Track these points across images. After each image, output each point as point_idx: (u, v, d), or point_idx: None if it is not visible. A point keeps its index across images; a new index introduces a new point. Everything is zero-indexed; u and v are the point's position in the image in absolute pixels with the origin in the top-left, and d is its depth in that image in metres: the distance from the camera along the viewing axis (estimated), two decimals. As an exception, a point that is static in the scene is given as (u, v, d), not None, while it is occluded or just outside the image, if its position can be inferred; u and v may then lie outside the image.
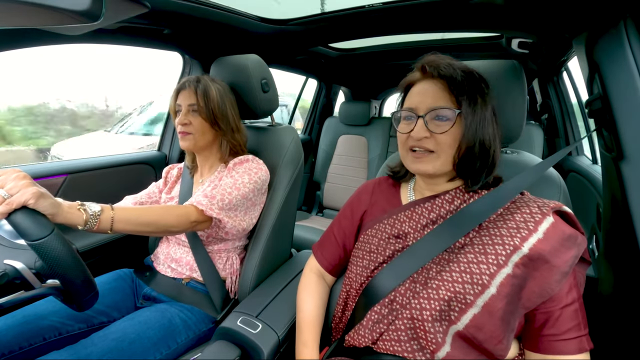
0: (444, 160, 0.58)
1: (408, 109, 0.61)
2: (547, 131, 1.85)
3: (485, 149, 0.57)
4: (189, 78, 0.94)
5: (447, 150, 0.57)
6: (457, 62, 0.60)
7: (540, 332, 0.52)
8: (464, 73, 0.57)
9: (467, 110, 0.55)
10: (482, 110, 0.56)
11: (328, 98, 2.57)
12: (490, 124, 0.58)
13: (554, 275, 0.50)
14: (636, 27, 0.62)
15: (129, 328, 0.76)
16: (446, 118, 0.56)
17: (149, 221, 0.72)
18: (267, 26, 1.23)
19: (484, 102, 0.57)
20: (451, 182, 0.62)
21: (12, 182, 0.55)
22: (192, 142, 0.92)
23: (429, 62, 0.60)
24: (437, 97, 0.58)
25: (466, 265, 0.53)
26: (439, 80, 0.58)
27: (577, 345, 0.50)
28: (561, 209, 0.54)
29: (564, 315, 0.51)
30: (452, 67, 0.58)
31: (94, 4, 0.48)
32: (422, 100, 0.59)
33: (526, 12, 0.93)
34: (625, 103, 0.62)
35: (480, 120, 0.56)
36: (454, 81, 0.56)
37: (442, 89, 0.58)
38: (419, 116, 0.58)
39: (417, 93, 0.61)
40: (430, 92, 0.59)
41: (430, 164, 0.58)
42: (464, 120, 0.56)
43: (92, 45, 1.05)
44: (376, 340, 0.58)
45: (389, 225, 0.65)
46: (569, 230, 0.52)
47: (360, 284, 0.65)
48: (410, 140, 0.59)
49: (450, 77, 0.57)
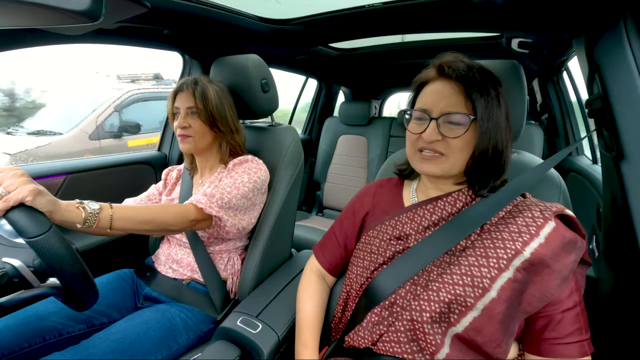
0: (453, 163, 0.57)
1: (421, 110, 0.58)
2: (547, 131, 1.85)
3: (499, 153, 0.56)
4: (187, 80, 0.93)
5: (457, 154, 0.56)
6: (474, 63, 0.58)
7: (541, 335, 0.52)
8: (481, 75, 0.55)
9: (482, 116, 0.54)
10: (498, 115, 0.55)
11: (328, 98, 2.57)
12: (504, 129, 0.56)
13: (555, 279, 0.50)
14: (636, 27, 0.62)
15: (129, 329, 0.76)
16: (460, 123, 0.55)
17: (148, 219, 0.72)
18: (267, 26, 1.23)
19: (499, 107, 0.56)
20: (458, 184, 0.62)
21: (10, 180, 0.55)
22: (192, 144, 0.92)
23: (448, 63, 0.57)
24: (452, 101, 0.56)
25: (467, 268, 0.53)
26: (455, 82, 0.56)
27: (579, 350, 0.50)
28: (563, 213, 0.54)
29: (565, 319, 0.51)
30: (471, 69, 0.56)
31: (94, 4, 0.48)
32: (436, 103, 0.57)
33: (526, 12, 0.93)
34: (625, 103, 0.62)
35: (495, 126, 0.55)
36: (471, 85, 0.54)
37: (457, 92, 0.56)
38: (431, 118, 0.56)
39: (431, 93, 0.59)
40: (445, 94, 0.56)
41: (438, 166, 0.57)
42: (478, 126, 0.54)
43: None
44: (376, 342, 0.58)
45: (391, 226, 0.65)
46: (570, 234, 0.52)
47: (361, 285, 0.64)
48: (421, 141, 0.58)
49: (468, 81, 0.55)
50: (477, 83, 0.54)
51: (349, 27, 1.21)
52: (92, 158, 1.23)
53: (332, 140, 2.38)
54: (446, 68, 0.57)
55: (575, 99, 1.67)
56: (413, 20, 1.10)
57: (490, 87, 0.55)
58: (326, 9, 1.13)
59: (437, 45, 1.65)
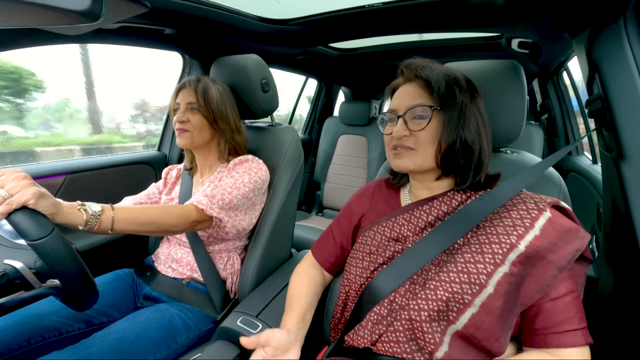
0: (424, 156, 0.58)
1: (390, 111, 0.63)
2: (547, 131, 1.86)
3: (468, 146, 0.57)
4: (190, 78, 0.95)
5: (427, 147, 0.58)
6: (436, 64, 0.61)
7: (533, 325, 0.52)
8: (442, 72, 0.59)
9: (444, 106, 0.57)
10: (463, 107, 0.57)
11: (328, 98, 2.57)
12: (472, 121, 0.58)
13: (551, 270, 0.50)
14: (636, 26, 0.62)
15: (129, 328, 0.76)
16: (424, 116, 0.58)
17: (150, 221, 0.72)
18: (267, 26, 1.23)
19: (466, 99, 0.58)
20: (440, 180, 0.62)
21: (13, 182, 0.55)
22: (189, 139, 0.92)
23: (407, 65, 0.62)
24: (415, 96, 0.59)
25: (463, 265, 0.53)
26: (418, 80, 0.60)
27: (572, 339, 0.50)
28: (559, 205, 0.54)
29: (555, 308, 0.50)
30: (430, 67, 0.60)
31: (94, 4, 0.48)
32: (401, 101, 0.61)
33: (526, 12, 0.93)
34: (625, 103, 0.62)
35: (460, 118, 0.57)
36: (431, 79, 0.58)
37: (420, 89, 0.60)
38: (398, 116, 0.60)
39: (397, 96, 0.63)
40: (410, 93, 0.61)
41: (409, 159, 0.59)
42: (443, 117, 0.57)
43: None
44: (375, 342, 0.58)
45: (388, 228, 0.66)
46: (569, 223, 0.52)
47: (360, 285, 0.65)
48: (393, 140, 0.61)
49: (427, 77, 0.58)
50: (437, 77, 0.58)
51: (349, 27, 1.21)
52: (92, 158, 1.23)
53: (332, 140, 2.38)
54: (405, 70, 0.62)
55: (575, 100, 1.67)
56: (413, 20, 1.10)
57: (452, 80, 0.58)
58: (326, 9, 1.13)
59: (437, 46, 1.65)
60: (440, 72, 0.59)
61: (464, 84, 0.59)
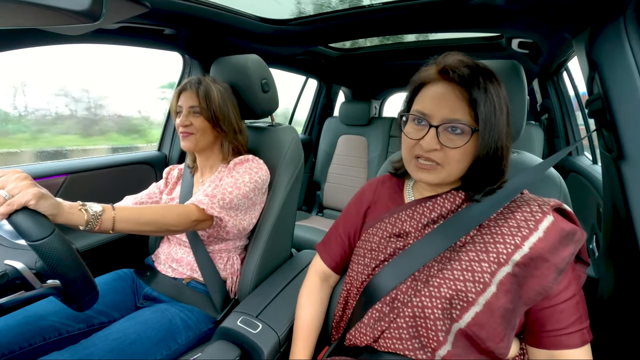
0: (449, 172, 0.56)
1: (421, 113, 0.56)
2: (547, 131, 1.85)
3: (498, 160, 0.55)
4: (191, 79, 0.94)
5: (454, 165, 0.55)
6: (477, 63, 0.56)
7: (543, 328, 0.52)
8: (485, 77, 0.53)
9: (485, 125, 0.52)
10: (500, 121, 0.53)
11: (328, 98, 2.57)
12: (505, 134, 0.55)
13: (552, 272, 0.50)
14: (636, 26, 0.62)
15: (129, 328, 0.76)
16: (461, 131, 0.53)
17: (150, 220, 0.72)
18: (267, 26, 1.23)
19: (502, 112, 0.54)
20: (453, 186, 0.62)
21: (13, 183, 0.55)
22: (194, 142, 0.92)
23: (452, 66, 0.54)
24: (455, 109, 0.53)
25: (467, 263, 0.53)
26: (458, 87, 0.53)
27: (580, 338, 0.51)
28: (561, 207, 0.54)
29: (565, 310, 0.51)
30: (475, 72, 0.53)
31: (94, 4, 0.48)
32: (437, 109, 0.54)
33: (526, 12, 0.93)
34: (625, 103, 0.62)
35: (497, 134, 0.53)
36: (475, 91, 0.52)
37: (460, 99, 0.53)
38: (431, 125, 0.54)
39: (432, 97, 0.55)
40: (448, 99, 0.54)
41: (434, 175, 0.56)
42: (480, 136, 0.53)
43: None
44: (377, 339, 0.58)
45: (390, 224, 0.65)
46: (568, 227, 0.52)
47: (361, 282, 0.65)
48: (418, 148, 0.56)
49: (471, 86, 0.52)
50: (481, 88, 0.52)
51: (349, 27, 1.21)
52: (92, 158, 1.23)
53: (332, 140, 2.38)
54: (450, 72, 0.54)
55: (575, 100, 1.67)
56: (413, 20, 1.10)
57: (493, 91, 0.53)
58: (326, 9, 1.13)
59: (437, 46, 1.65)
60: (483, 78, 0.52)
61: (505, 101, 0.55)
